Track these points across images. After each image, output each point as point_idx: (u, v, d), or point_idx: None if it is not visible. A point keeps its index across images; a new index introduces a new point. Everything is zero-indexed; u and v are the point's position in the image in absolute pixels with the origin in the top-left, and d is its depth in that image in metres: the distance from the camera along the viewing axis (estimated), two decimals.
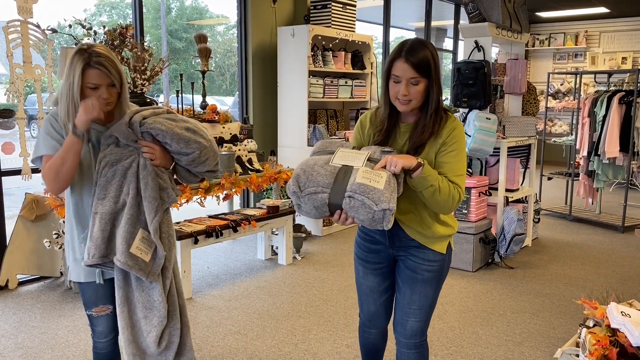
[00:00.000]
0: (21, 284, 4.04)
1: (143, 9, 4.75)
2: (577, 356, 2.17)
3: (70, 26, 3.86)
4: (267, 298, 3.86)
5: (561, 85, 10.04)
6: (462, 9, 8.22)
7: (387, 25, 7.57)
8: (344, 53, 6.00)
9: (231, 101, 12.00)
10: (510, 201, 4.82)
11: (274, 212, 4.40)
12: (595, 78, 7.87)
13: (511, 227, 4.59)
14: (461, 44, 8.88)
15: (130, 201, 2.00)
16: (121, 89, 2.03)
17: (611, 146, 5.74)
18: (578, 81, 6.97)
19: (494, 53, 5.32)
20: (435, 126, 1.92)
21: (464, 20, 8.79)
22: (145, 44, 4.23)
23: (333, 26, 5.74)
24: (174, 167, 2.18)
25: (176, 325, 2.14)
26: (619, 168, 5.93)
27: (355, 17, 6.06)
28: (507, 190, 4.83)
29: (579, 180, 6.37)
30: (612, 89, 6.28)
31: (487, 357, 3.04)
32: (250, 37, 5.62)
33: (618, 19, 9.92)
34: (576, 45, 10.39)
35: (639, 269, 4.62)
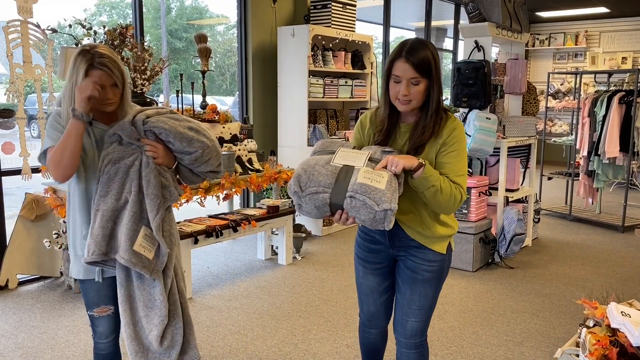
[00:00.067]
0: (21, 283, 4.04)
1: (143, 8, 4.75)
2: (577, 356, 2.17)
3: (70, 26, 3.86)
4: (267, 298, 3.86)
5: (561, 85, 10.04)
6: (462, 9, 8.22)
7: (387, 25, 7.57)
8: (344, 53, 6.00)
9: (231, 101, 12.00)
10: (510, 201, 4.82)
11: (274, 212, 4.40)
12: (595, 78, 7.87)
13: (511, 227, 4.59)
14: (461, 43, 8.88)
15: (132, 199, 2.00)
16: (123, 89, 2.04)
17: (611, 146, 5.74)
18: (578, 81, 6.98)
19: (494, 53, 5.32)
20: (435, 126, 1.92)
21: (464, 20, 8.79)
22: (145, 43, 4.22)
23: (333, 26, 5.74)
24: (177, 167, 2.19)
25: (178, 324, 2.14)
26: (619, 168, 5.93)
27: (355, 17, 6.06)
28: (507, 190, 4.83)
29: (579, 180, 6.37)
30: (612, 88, 6.28)
31: (487, 357, 3.04)
32: (250, 37, 5.62)
33: (618, 18, 9.92)
34: (576, 45, 10.39)
35: (639, 269, 4.62)
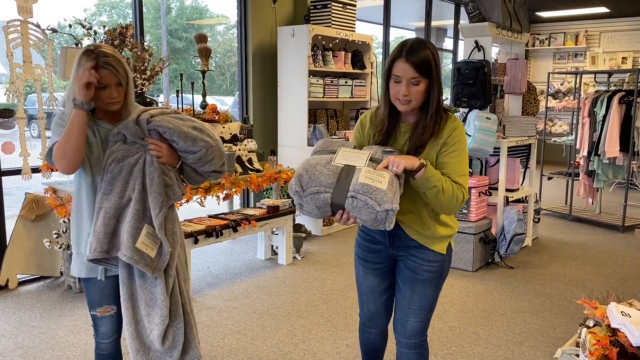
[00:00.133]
0: (21, 283, 4.04)
1: (143, 8, 4.75)
2: (577, 356, 2.17)
3: (70, 26, 3.86)
4: (267, 298, 3.86)
5: (561, 85, 10.04)
6: (462, 9, 8.22)
7: (387, 25, 7.56)
8: (344, 53, 6.00)
9: (231, 101, 12.00)
10: (510, 201, 4.82)
11: (274, 212, 4.40)
12: (595, 78, 7.87)
13: (511, 227, 4.59)
14: (461, 43, 8.88)
15: (135, 197, 2.02)
16: (127, 88, 2.06)
17: (611, 146, 5.74)
18: (578, 81, 6.97)
19: (494, 53, 5.32)
20: (435, 126, 1.92)
21: (464, 20, 8.79)
22: (145, 43, 4.23)
23: (333, 26, 5.74)
24: (181, 166, 2.20)
25: (180, 324, 2.14)
26: (619, 168, 5.93)
27: (355, 17, 6.06)
28: (507, 190, 4.83)
29: (579, 180, 6.37)
30: (612, 88, 6.28)
31: (487, 357, 3.04)
32: (250, 37, 5.62)
33: (618, 18, 9.92)
34: (576, 45, 10.39)
35: (639, 269, 4.62)
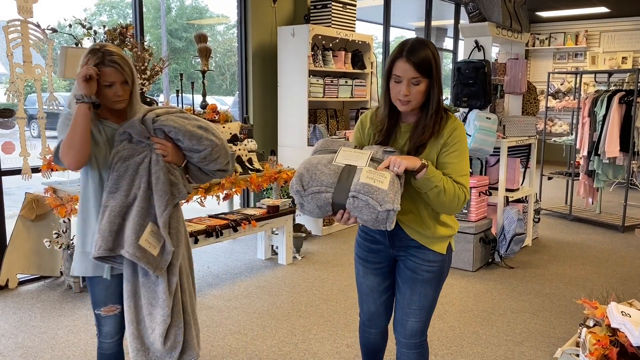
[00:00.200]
0: (21, 283, 4.04)
1: (143, 8, 4.75)
2: (577, 356, 2.17)
3: (70, 26, 3.86)
4: (267, 298, 3.86)
5: (561, 84, 10.04)
6: (462, 9, 8.21)
7: (387, 24, 7.56)
8: (344, 53, 6.00)
9: (231, 101, 12.01)
10: (510, 201, 4.82)
11: (274, 212, 4.40)
12: (595, 78, 7.87)
13: (511, 226, 4.59)
14: (461, 43, 8.88)
15: (141, 195, 2.03)
16: (133, 87, 2.08)
17: (611, 146, 5.74)
18: (578, 81, 6.97)
19: (494, 53, 5.32)
20: (435, 126, 1.92)
21: (464, 20, 8.79)
22: (145, 43, 4.23)
23: (333, 26, 5.74)
24: (186, 165, 2.21)
25: (180, 324, 2.15)
26: (619, 168, 5.93)
27: (355, 17, 6.06)
28: (507, 190, 4.82)
29: (579, 180, 6.36)
30: (612, 88, 6.28)
31: (487, 357, 3.04)
32: (250, 36, 5.62)
33: (618, 18, 9.92)
34: (576, 45, 10.39)
35: (639, 269, 4.62)
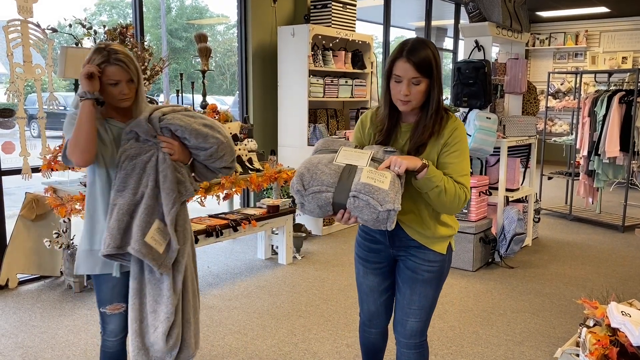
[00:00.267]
0: (21, 283, 4.04)
1: (143, 8, 4.74)
2: (578, 356, 2.17)
3: (71, 25, 3.86)
4: (267, 297, 3.86)
5: (561, 84, 10.04)
6: (463, 9, 8.22)
7: (387, 24, 7.56)
8: (344, 52, 6.00)
9: (231, 101, 12.02)
10: (510, 201, 4.82)
11: (274, 212, 4.40)
12: (595, 78, 7.87)
13: (511, 226, 4.59)
14: (461, 43, 8.88)
15: (148, 193, 2.05)
16: (138, 85, 2.09)
17: (611, 146, 5.74)
18: (578, 81, 6.97)
19: (494, 52, 5.32)
20: (435, 126, 1.92)
21: (464, 20, 8.79)
22: (146, 43, 4.23)
23: (333, 26, 5.74)
24: (192, 163, 2.23)
25: (180, 322, 2.16)
26: (619, 168, 5.93)
27: (355, 17, 6.06)
28: (507, 190, 4.82)
29: (579, 179, 6.36)
30: (613, 88, 6.28)
31: (487, 357, 3.04)
32: (250, 36, 5.62)
33: (618, 18, 9.92)
34: (576, 44, 10.39)
35: (639, 269, 4.62)
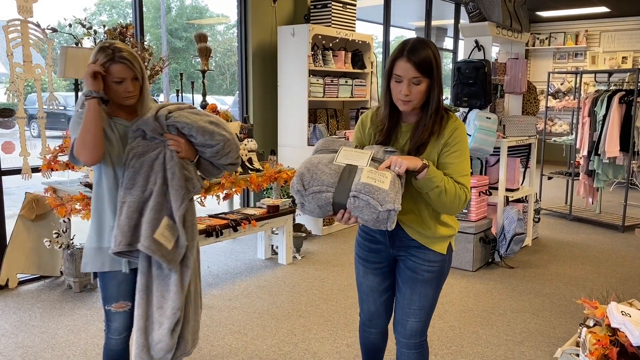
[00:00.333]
0: (21, 283, 4.04)
1: (143, 8, 4.74)
2: (578, 356, 2.17)
3: (70, 25, 3.86)
4: (267, 297, 3.86)
5: (561, 84, 10.04)
6: (463, 9, 8.22)
7: (387, 24, 7.56)
8: (344, 52, 5.99)
9: (231, 100, 12.02)
10: (510, 201, 4.81)
11: (274, 212, 4.40)
12: (595, 77, 7.87)
13: (511, 226, 4.59)
14: (461, 43, 8.88)
15: (157, 190, 2.06)
16: (143, 83, 2.10)
17: (611, 146, 5.74)
18: (578, 81, 6.97)
19: (494, 52, 5.32)
20: (435, 126, 1.92)
21: (464, 20, 8.79)
22: (146, 43, 4.23)
23: (333, 25, 5.74)
24: (197, 160, 2.24)
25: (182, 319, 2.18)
26: (619, 167, 5.93)
27: (355, 17, 6.06)
28: (507, 190, 4.82)
29: (579, 179, 6.36)
30: (613, 88, 6.28)
31: (487, 357, 3.04)
32: (250, 36, 5.62)
33: (618, 18, 9.92)
34: (576, 44, 10.39)
35: (639, 269, 4.62)
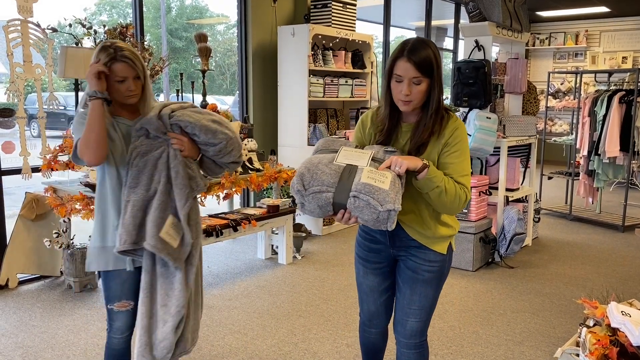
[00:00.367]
0: (21, 283, 4.04)
1: (143, 8, 4.74)
2: (578, 355, 2.17)
3: (71, 25, 3.86)
4: (267, 297, 3.86)
5: (561, 84, 10.04)
6: (463, 8, 8.22)
7: (387, 24, 7.56)
8: (344, 52, 5.99)
9: (231, 100, 12.03)
10: (510, 200, 4.81)
11: (274, 212, 4.40)
12: (595, 77, 7.87)
13: (511, 226, 4.59)
14: (461, 43, 8.88)
15: (161, 189, 2.07)
16: (145, 82, 2.11)
17: (611, 145, 5.74)
18: (578, 80, 6.97)
19: (494, 52, 5.32)
20: (435, 126, 1.92)
21: (464, 20, 8.79)
22: (146, 43, 4.23)
23: (333, 25, 5.74)
24: (200, 159, 2.25)
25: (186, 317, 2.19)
26: (619, 167, 5.93)
27: (355, 17, 6.06)
28: (508, 190, 4.82)
29: (579, 179, 6.36)
30: (613, 88, 6.28)
31: (487, 357, 3.04)
32: (250, 36, 5.62)
33: (618, 18, 9.91)
34: (576, 44, 10.39)
35: (639, 269, 4.62)
